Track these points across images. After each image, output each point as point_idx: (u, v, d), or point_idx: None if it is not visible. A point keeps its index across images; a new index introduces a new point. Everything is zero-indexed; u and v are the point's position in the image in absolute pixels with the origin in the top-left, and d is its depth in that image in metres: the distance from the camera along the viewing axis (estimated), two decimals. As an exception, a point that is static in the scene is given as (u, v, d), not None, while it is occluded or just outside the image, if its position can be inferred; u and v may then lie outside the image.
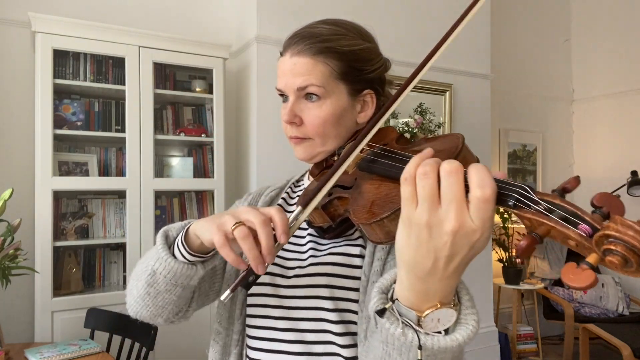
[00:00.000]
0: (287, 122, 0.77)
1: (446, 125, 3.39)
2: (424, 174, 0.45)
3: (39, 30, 2.25)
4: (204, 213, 2.83)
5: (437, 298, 0.48)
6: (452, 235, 0.43)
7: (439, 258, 0.45)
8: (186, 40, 2.61)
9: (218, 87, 2.70)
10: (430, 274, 0.47)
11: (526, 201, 0.43)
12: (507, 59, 4.17)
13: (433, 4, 3.29)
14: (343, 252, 0.74)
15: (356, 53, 0.76)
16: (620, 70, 4.26)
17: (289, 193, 0.91)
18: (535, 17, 4.42)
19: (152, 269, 0.70)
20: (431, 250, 0.45)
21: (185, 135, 2.71)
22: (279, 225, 0.59)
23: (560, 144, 4.59)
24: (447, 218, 0.43)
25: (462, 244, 0.44)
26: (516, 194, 0.44)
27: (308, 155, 0.79)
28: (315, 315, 0.73)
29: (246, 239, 0.57)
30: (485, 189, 0.42)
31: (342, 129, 0.78)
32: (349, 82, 0.77)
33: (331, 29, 0.76)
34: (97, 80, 2.50)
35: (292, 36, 0.78)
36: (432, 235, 0.45)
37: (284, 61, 0.77)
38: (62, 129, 2.39)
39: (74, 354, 1.79)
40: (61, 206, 2.48)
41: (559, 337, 4.16)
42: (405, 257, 0.48)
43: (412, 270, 0.48)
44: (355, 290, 0.71)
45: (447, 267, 0.46)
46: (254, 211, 0.60)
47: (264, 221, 0.58)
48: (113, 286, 2.56)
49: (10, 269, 1.80)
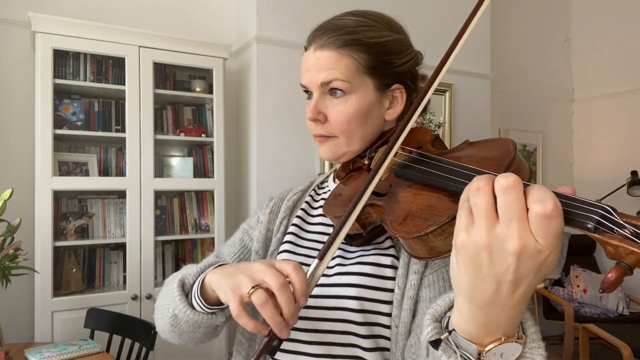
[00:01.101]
0: (311, 120, 0.73)
1: (446, 125, 3.39)
2: (476, 189, 0.40)
3: (39, 30, 2.25)
4: (204, 213, 2.84)
5: (501, 331, 0.43)
6: (516, 256, 0.38)
7: (502, 283, 0.40)
8: (186, 40, 2.61)
9: (218, 87, 2.70)
10: (493, 303, 0.41)
11: (609, 224, 0.37)
12: (507, 59, 4.16)
13: (436, 3, 3.29)
14: (373, 261, 0.69)
15: (384, 45, 0.71)
16: (620, 70, 4.26)
17: (312, 196, 0.87)
18: (535, 17, 4.42)
19: (173, 312, 0.69)
20: (492, 275, 0.40)
21: (185, 135, 2.71)
22: (297, 287, 0.54)
23: (560, 144, 4.58)
24: (509, 237, 0.38)
25: (528, 266, 0.39)
26: (597, 216, 0.38)
27: (333, 155, 0.75)
28: (342, 328, 0.69)
29: (265, 306, 0.53)
30: (545, 204, 0.37)
31: (369, 126, 0.73)
32: (376, 77, 0.72)
33: (357, 20, 0.72)
34: (97, 80, 2.50)
35: (316, 29, 0.74)
36: (493, 258, 0.39)
37: (307, 56, 0.74)
38: (62, 129, 2.39)
39: (74, 354, 1.78)
40: (61, 206, 2.48)
41: (559, 337, 4.16)
42: (462, 285, 0.43)
43: (472, 300, 0.42)
44: (386, 303, 0.67)
45: (512, 295, 0.40)
46: (270, 270, 0.55)
47: (282, 285, 0.53)
48: (113, 286, 2.56)
49: (10, 269, 1.80)
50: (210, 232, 2.79)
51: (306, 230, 0.82)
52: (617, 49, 4.29)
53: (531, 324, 0.48)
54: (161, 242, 2.70)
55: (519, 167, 0.53)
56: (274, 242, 0.83)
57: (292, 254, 0.79)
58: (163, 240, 2.65)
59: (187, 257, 2.82)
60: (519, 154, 0.54)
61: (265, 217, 0.88)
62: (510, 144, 0.55)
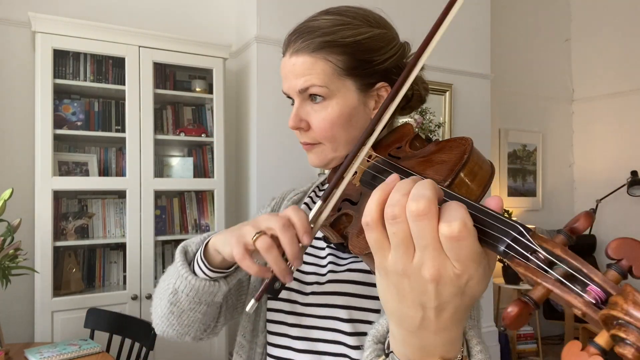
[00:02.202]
0: (293, 128, 0.71)
1: (446, 125, 3.39)
2: (392, 218, 0.37)
3: (39, 30, 2.25)
4: (204, 213, 2.83)
5: (437, 353, 0.41)
6: (435, 283, 0.37)
7: (426, 309, 0.38)
8: (186, 40, 2.61)
9: (218, 87, 2.70)
10: (423, 328, 0.40)
11: (519, 249, 0.34)
12: (507, 59, 4.17)
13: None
14: (362, 268, 0.69)
15: (362, 43, 0.67)
16: (620, 70, 4.26)
17: (312, 197, 0.87)
18: (535, 17, 4.42)
19: (173, 287, 0.68)
20: (416, 301, 0.38)
21: (185, 135, 2.71)
22: (298, 225, 0.54)
23: (560, 144, 4.58)
24: (425, 265, 0.36)
25: (449, 291, 0.37)
26: (509, 238, 0.35)
27: (321, 161, 0.72)
28: (332, 337, 0.68)
29: (270, 250, 0.54)
30: (452, 224, 0.34)
31: (354, 129, 0.69)
32: (357, 77, 0.68)
33: (333, 19, 0.68)
34: (97, 80, 2.50)
35: (290, 33, 0.70)
36: (413, 286, 0.38)
37: (284, 62, 0.71)
38: (62, 129, 2.39)
39: (74, 354, 1.78)
40: (61, 206, 2.48)
41: (559, 337, 4.16)
42: (390, 308, 0.41)
43: (402, 325, 0.41)
44: (375, 311, 0.67)
45: (438, 319, 0.39)
46: (273, 217, 0.56)
47: (284, 225, 0.54)
48: (113, 286, 2.56)
49: (10, 269, 1.80)
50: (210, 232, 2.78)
51: None
52: (617, 49, 4.29)
53: (476, 342, 0.46)
54: (161, 242, 2.70)
55: (474, 171, 0.50)
56: None
57: None
58: (163, 240, 2.65)
59: (187, 257, 2.82)
60: (477, 154, 0.51)
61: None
62: (467, 143, 0.53)
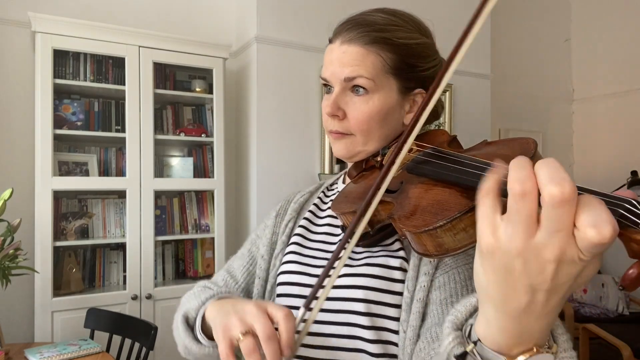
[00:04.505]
0: (330, 115, 0.71)
1: (446, 126, 3.39)
2: (522, 194, 0.34)
3: (39, 30, 2.25)
4: (204, 213, 2.84)
5: (532, 340, 0.39)
6: (556, 263, 0.34)
7: (537, 292, 0.36)
8: (186, 40, 2.61)
9: (218, 87, 2.70)
10: (527, 312, 0.37)
11: (634, 218, 0.34)
12: (507, 59, 4.16)
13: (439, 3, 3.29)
14: (382, 263, 0.68)
15: (412, 47, 0.70)
16: (620, 70, 4.26)
17: (321, 198, 0.86)
18: (535, 17, 4.41)
19: (183, 343, 0.69)
20: (526, 283, 0.36)
21: (185, 135, 2.71)
22: (283, 338, 0.53)
23: (560, 144, 4.58)
24: (548, 247, 0.34)
25: (567, 273, 0.35)
26: (622, 209, 0.35)
27: (348, 153, 0.73)
28: (349, 331, 0.67)
29: (252, 355, 0.53)
30: (603, 230, 0.32)
31: (387, 128, 0.71)
32: (400, 78, 0.70)
33: (388, 18, 0.70)
34: (97, 80, 2.50)
35: (344, 22, 0.71)
36: (528, 266, 0.35)
37: (332, 49, 0.71)
38: (62, 129, 2.39)
39: (74, 354, 1.78)
40: (61, 206, 2.48)
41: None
42: (491, 294, 0.39)
43: (504, 309, 0.38)
44: (394, 306, 0.66)
45: (547, 303, 0.37)
46: (261, 316, 0.54)
47: (269, 337, 0.53)
48: (113, 286, 2.56)
49: (10, 269, 1.80)
50: (210, 232, 2.79)
51: (313, 232, 0.81)
52: (617, 49, 4.28)
53: (562, 331, 0.43)
54: (161, 242, 2.70)
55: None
56: (279, 244, 0.82)
57: (299, 255, 0.78)
58: (163, 240, 2.65)
59: (187, 257, 2.82)
60: (540, 153, 0.50)
61: (271, 220, 0.87)
62: (531, 143, 0.52)
